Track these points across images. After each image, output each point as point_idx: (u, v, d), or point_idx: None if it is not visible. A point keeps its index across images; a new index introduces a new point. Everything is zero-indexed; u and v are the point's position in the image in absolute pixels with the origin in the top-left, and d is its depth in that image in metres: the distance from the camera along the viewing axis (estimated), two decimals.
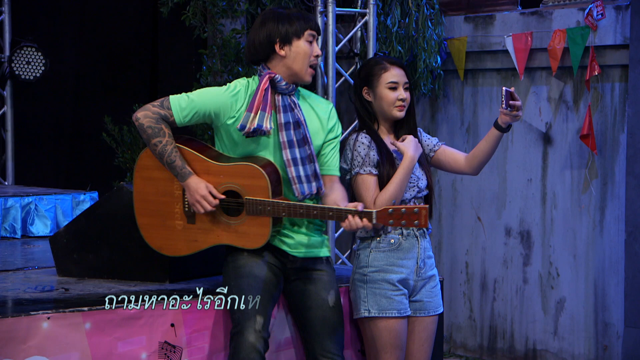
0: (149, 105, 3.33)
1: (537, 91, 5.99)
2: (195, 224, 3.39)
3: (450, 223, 6.38)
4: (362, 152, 3.52)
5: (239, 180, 3.34)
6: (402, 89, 3.58)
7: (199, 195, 3.32)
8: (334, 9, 5.78)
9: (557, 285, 5.95)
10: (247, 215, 3.33)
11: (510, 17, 6.05)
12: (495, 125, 3.59)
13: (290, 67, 3.38)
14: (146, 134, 3.32)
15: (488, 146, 3.62)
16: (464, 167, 3.70)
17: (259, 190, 3.31)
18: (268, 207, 3.30)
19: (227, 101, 3.35)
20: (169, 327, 3.39)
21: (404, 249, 3.56)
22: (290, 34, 3.36)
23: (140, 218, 3.48)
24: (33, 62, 6.20)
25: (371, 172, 3.51)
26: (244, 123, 3.31)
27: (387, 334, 3.53)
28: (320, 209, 3.31)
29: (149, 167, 3.41)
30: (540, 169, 6.02)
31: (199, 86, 5.96)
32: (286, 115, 3.37)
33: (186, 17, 6.00)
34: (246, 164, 3.33)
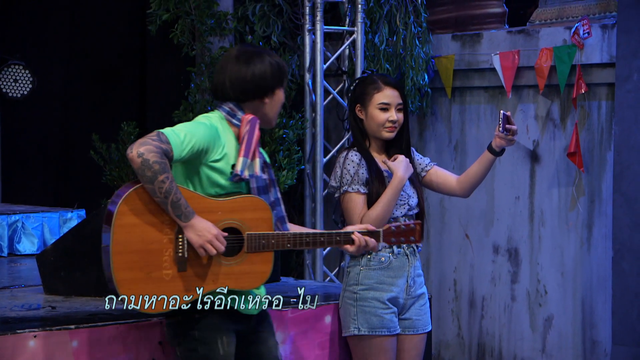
0: (148, 140, 2.96)
1: (524, 109, 6.01)
2: (186, 271, 3.05)
3: (438, 240, 6.38)
4: (352, 170, 3.52)
5: (239, 215, 3.10)
6: (393, 111, 3.57)
7: (211, 235, 3.01)
8: (322, 27, 5.80)
9: (545, 303, 5.95)
10: (247, 252, 3.10)
11: (497, 36, 6.08)
12: (489, 148, 3.59)
13: (267, 114, 3.20)
14: (152, 171, 2.93)
15: (481, 169, 3.62)
16: (455, 189, 3.70)
17: (261, 224, 3.11)
18: (272, 240, 3.11)
19: (215, 137, 3.09)
20: (157, 344, 3.37)
21: (394, 268, 3.56)
22: (277, 82, 3.19)
23: (119, 273, 3.02)
24: (20, 80, 6.19)
25: (359, 191, 3.51)
26: (242, 169, 3.08)
27: (377, 352, 3.52)
28: (327, 234, 3.19)
29: (135, 211, 3.02)
30: (527, 187, 6.03)
31: (187, 104, 5.95)
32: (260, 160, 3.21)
33: (174, 35, 6.01)
34: (248, 196, 3.12)
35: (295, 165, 5.83)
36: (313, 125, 5.93)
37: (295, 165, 5.83)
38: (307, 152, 5.97)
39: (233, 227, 3.09)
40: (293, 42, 6.23)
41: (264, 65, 3.14)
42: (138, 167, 2.92)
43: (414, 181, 3.65)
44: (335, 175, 3.56)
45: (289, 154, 5.80)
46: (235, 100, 3.15)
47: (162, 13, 5.95)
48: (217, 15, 5.96)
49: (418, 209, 3.64)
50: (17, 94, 6.21)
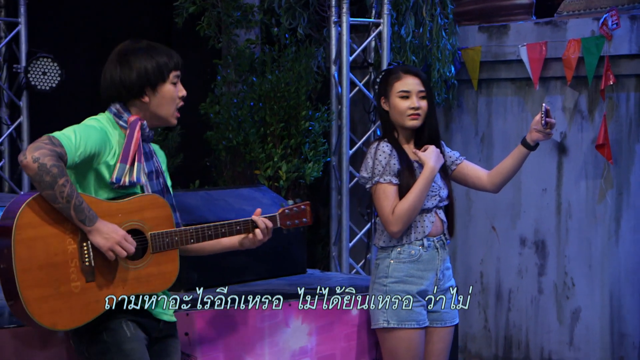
0: (41, 144, 2.78)
1: (551, 101, 5.97)
2: (95, 281, 2.88)
3: (464, 233, 6.36)
4: (383, 160, 3.51)
5: (139, 215, 2.95)
6: (415, 98, 3.55)
7: (119, 237, 2.86)
8: (348, 19, 5.79)
9: (572, 296, 5.92)
10: (153, 253, 2.97)
11: (524, 27, 6.04)
12: (523, 142, 3.57)
13: (155, 112, 3.04)
14: (51, 175, 2.75)
15: (513, 164, 3.60)
16: (485, 184, 3.68)
17: (162, 222, 2.99)
18: (176, 238, 2.99)
19: (105, 140, 2.95)
20: (183, 336, 3.39)
21: (424, 261, 3.55)
22: (156, 77, 3.02)
23: (26, 292, 2.78)
24: (49, 73, 6.23)
25: (391, 182, 3.50)
26: (119, 176, 2.93)
27: (405, 345, 3.52)
28: (227, 225, 3.10)
29: (34, 224, 2.81)
30: (555, 179, 6.00)
31: (213, 96, 5.97)
32: (148, 165, 3.04)
33: (201, 28, 6.02)
34: (145, 195, 2.99)
35: (321, 157, 5.84)
36: (339, 118, 5.92)
37: (321, 157, 5.83)
38: (333, 144, 5.97)
39: (135, 228, 2.96)
40: (319, 34, 6.22)
41: (135, 64, 3.01)
42: (35, 174, 2.75)
43: (444, 173, 3.64)
44: (366, 166, 3.55)
45: (315, 146, 5.81)
46: (120, 100, 3.04)
47: (189, 6, 5.97)
48: (243, 7, 5.97)
49: (448, 201, 3.63)
50: (45, 86, 6.25)
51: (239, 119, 5.74)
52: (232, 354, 3.49)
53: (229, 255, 3.86)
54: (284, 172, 5.66)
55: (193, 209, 3.92)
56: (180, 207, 3.79)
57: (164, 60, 3.04)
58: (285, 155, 5.72)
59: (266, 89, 5.71)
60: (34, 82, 6.23)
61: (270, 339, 3.59)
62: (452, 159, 3.70)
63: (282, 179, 5.67)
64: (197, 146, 6.29)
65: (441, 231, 3.60)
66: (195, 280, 3.77)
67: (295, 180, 5.78)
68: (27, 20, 6.36)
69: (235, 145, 5.74)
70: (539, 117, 3.51)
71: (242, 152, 5.78)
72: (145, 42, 3.09)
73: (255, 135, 5.69)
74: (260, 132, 5.74)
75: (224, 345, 3.48)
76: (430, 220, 3.55)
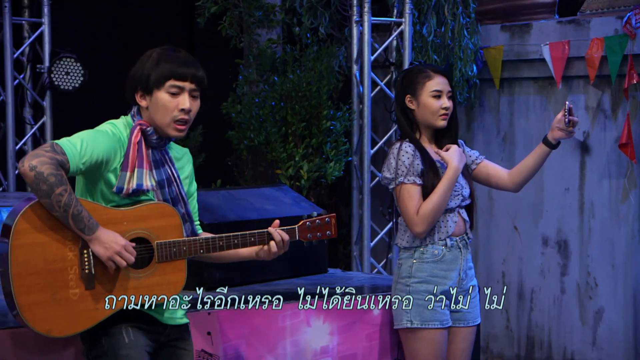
0: (41, 151, 2.75)
1: (574, 100, 5.94)
2: (95, 289, 2.85)
3: (486, 232, 6.34)
4: (407, 161, 3.50)
5: (146, 223, 2.91)
6: (445, 98, 3.56)
7: (119, 246, 2.82)
8: (370, 19, 5.79)
9: (595, 296, 5.89)
10: (159, 262, 2.92)
11: (547, 26, 6.02)
12: (545, 141, 3.55)
13: (153, 119, 2.96)
14: (48, 184, 2.72)
15: (535, 162, 3.58)
16: (506, 183, 3.66)
17: (170, 231, 2.93)
18: (184, 247, 2.94)
19: (115, 147, 2.91)
20: (205, 335, 3.40)
21: (447, 261, 3.55)
22: (152, 82, 2.94)
23: (22, 297, 2.78)
24: (72, 73, 6.27)
25: (415, 182, 3.49)
26: (121, 185, 2.88)
27: (429, 345, 3.52)
28: (241, 236, 3.01)
29: (33, 229, 2.79)
30: (577, 178, 5.97)
31: (234, 96, 5.99)
32: (159, 173, 2.98)
33: (223, 28, 6.04)
34: (153, 203, 2.93)
35: (343, 157, 5.84)
36: (360, 117, 5.92)
37: (342, 157, 5.83)
38: (354, 143, 5.97)
39: (141, 237, 2.91)
40: (340, 34, 6.22)
41: (140, 65, 2.99)
42: (32, 182, 2.72)
43: (465, 172, 3.64)
44: (389, 166, 3.54)
45: (336, 146, 5.81)
46: (131, 101, 3.02)
47: (211, 5, 5.99)
48: (265, 7, 5.98)
49: (470, 200, 3.62)
50: (68, 86, 6.29)
51: (260, 118, 5.75)
52: (253, 353, 3.49)
53: None
54: (305, 171, 5.66)
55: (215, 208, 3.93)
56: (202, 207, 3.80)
57: (168, 67, 2.94)
58: (306, 154, 5.72)
59: (288, 89, 5.72)
60: (57, 82, 6.27)
61: (292, 338, 3.60)
62: (472, 158, 3.70)
63: (303, 179, 5.68)
64: (218, 146, 6.31)
65: (464, 231, 3.60)
66: (217, 279, 3.78)
67: (317, 180, 5.79)
68: (50, 20, 6.40)
69: (256, 145, 5.75)
70: (562, 115, 3.49)
71: (263, 151, 5.79)
72: (176, 49, 3.03)
73: (276, 135, 5.70)
74: (282, 131, 5.74)
75: (246, 344, 3.48)
76: (454, 220, 3.54)
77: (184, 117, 2.95)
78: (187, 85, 2.96)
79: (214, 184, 5.86)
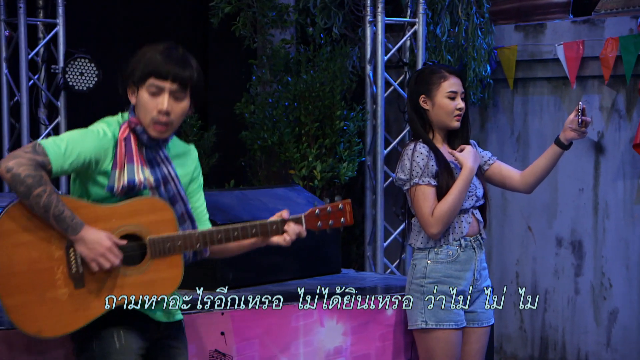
0: (20, 152, 2.70)
1: (588, 100, 5.92)
2: (85, 287, 2.76)
3: (500, 233, 6.33)
4: (421, 162, 3.50)
5: (137, 219, 2.79)
6: (459, 99, 3.56)
7: (104, 248, 2.73)
8: (383, 19, 5.79)
9: (609, 296, 5.87)
10: (152, 259, 2.80)
11: (561, 26, 6.00)
12: (557, 142, 3.54)
13: (139, 117, 2.86)
14: (25, 185, 2.66)
15: (547, 163, 3.58)
16: (518, 184, 3.66)
17: (163, 225, 2.81)
18: (179, 242, 2.81)
19: (105, 146, 2.82)
20: (219, 335, 3.41)
21: (461, 261, 3.54)
22: (135, 79, 2.86)
23: (7, 299, 2.73)
24: (86, 73, 6.29)
25: (430, 183, 3.49)
26: (112, 183, 2.78)
27: (443, 346, 3.52)
28: (241, 228, 2.85)
29: (14, 230, 2.72)
30: (592, 179, 5.95)
31: (248, 96, 6.00)
32: (154, 172, 2.85)
33: (236, 28, 6.05)
34: (144, 198, 2.82)
35: (356, 157, 5.84)
36: (374, 117, 5.92)
37: (355, 157, 5.83)
38: (367, 144, 5.97)
39: (132, 233, 2.80)
40: (354, 34, 6.22)
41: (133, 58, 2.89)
42: (9, 183, 2.67)
43: (478, 172, 3.63)
44: (403, 167, 3.54)
45: (350, 146, 5.80)
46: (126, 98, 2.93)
47: (224, 6, 6.00)
48: (279, 7, 5.99)
49: (484, 200, 3.62)
50: (83, 87, 6.31)
51: (274, 118, 5.76)
52: (267, 353, 3.50)
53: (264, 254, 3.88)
54: (319, 171, 5.67)
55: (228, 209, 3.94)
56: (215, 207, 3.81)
57: (151, 64, 2.83)
58: (319, 155, 5.72)
59: (301, 89, 5.72)
60: (71, 83, 6.29)
61: (305, 338, 3.60)
62: (485, 158, 3.70)
63: (316, 179, 5.68)
64: (232, 146, 6.32)
65: (477, 231, 3.59)
66: (231, 279, 3.78)
67: (330, 180, 5.79)
68: (65, 21, 6.42)
69: (270, 145, 5.76)
70: (574, 115, 3.48)
71: (276, 151, 5.79)
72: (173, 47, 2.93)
73: (290, 135, 5.71)
74: (295, 131, 5.75)
75: (259, 344, 3.49)
76: (468, 221, 3.54)
77: (161, 119, 2.82)
78: (168, 86, 2.82)
79: (227, 184, 5.87)
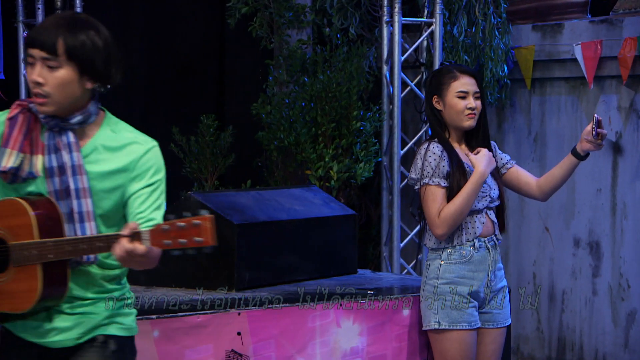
0: None
1: (606, 100, 5.89)
2: None
3: (517, 233, 6.31)
4: (433, 162, 3.49)
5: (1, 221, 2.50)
6: (471, 98, 3.55)
7: None
8: (400, 19, 5.78)
9: (627, 297, 5.84)
10: (15, 266, 2.47)
11: (579, 26, 5.97)
12: (573, 152, 3.53)
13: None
14: None
15: (563, 173, 3.56)
16: (534, 191, 3.65)
17: (23, 231, 2.47)
18: (34, 251, 2.44)
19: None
20: (235, 335, 3.41)
21: (475, 262, 3.53)
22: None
23: None
24: None
25: (439, 184, 3.48)
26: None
27: (457, 346, 3.51)
28: (87, 240, 2.44)
29: None
30: (610, 179, 5.92)
31: (265, 97, 6.00)
32: (50, 159, 2.51)
33: (253, 28, 6.06)
34: (6, 199, 2.51)
35: (373, 157, 5.83)
36: (390, 118, 5.91)
37: (372, 157, 5.82)
38: (384, 144, 5.96)
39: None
40: (371, 34, 6.22)
41: None
42: None
43: (495, 174, 3.62)
44: (415, 167, 3.54)
45: (366, 146, 5.80)
46: None
47: (241, 6, 6.01)
48: (295, 8, 5.99)
49: (499, 201, 3.61)
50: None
51: (290, 119, 5.76)
52: (283, 354, 3.50)
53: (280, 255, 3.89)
54: (335, 172, 5.66)
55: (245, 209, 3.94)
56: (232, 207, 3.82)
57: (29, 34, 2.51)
58: (336, 155, 5.72)
59: (318, 89, 5.72)
60: None
61: (322, 338, 3.60)
62: (503, 161, 3.69)
63: (333, 179, 5.68)
64: (248, 146, 6.32)
65: (492, 232, 3.58)
66: (247, 280, 3.79)
67: (346, 181, 5.79)
68: None
69: (286, 146, 5.76)
70: (590, 127, 3.46)
71: (293, 152, 5.79)
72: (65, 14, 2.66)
73: (306, 136, 5.71)
74: (312, 132, 5.75)
75: (276, 344, 3.49)
76: (481, 222, 3.53)
77: (36, 91, 2.50)
78: (37, 54, 2.49)
79: (243, 184, 5.88)
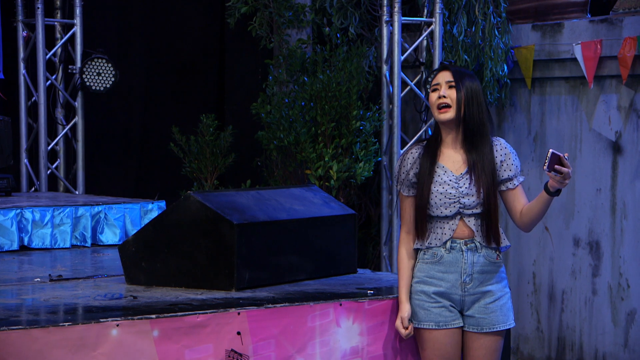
0: None
1: (606, 100, 5.90)
2: None
3: (517, 233, 6.31)
4: (404, 169, 3.50)
5: None
6: (443, 88, 3.45)
7: None
8: (400, 18, 5.78)
9: (627, 297, 5.84)
10: None
11: (579, 25, 5.97)
12: (545, 188, 3.44)
13: None
14: None
15: (539, 208, 3.46)
16: (516, 220, 3.57)
17: None
18: None
19: None
20: (235, 335, 3.41)
21: (445, 263, 3.50)
22: None
23: None
24: (103, 74, 6.31)
25: (402, 192, 3.52)
26: None
27: (427, 345, 3.51)
28: None
29: None
30: (609, 179, 5.92)
31: (264, 96, 6.00)
32: None
33: (253, 28, 6.06)
34: None
35: (372, 157, 5.83)
36: (390, 117, 5.91)
37: (372, 157, 5.83)
38: (384, 144, 5.96)
39: None
40: (370, 34, 6.22)
41: None
42: None
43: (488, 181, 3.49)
44: (394, 169, 3.59)
45: (366, 146, 5.80)
46: None
47: (241, 6, 6.02)
48: (295, 7, 5.99)
49: (481, 209, 3.49)
50: (100, 87, 6.34)
51: (290, 118, 5.76)
52: (283, 353, 3.50)
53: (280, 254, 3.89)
54: (335, 171, 5.66)
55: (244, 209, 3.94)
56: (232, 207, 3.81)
57: None
58: (336, 154, 5.72)
59: (317, 89, 5.72)
60: (88, 83, 6.32)
61: (322, 338, 3.60)
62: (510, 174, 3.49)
63: (332, 179, 5.68)
64: (248, 146, 6.32)
65: (469, 235, 3.47)
66: (247, 280, 3.78)
67: (346, 180, 5.79)
68: (82, 21, 6.45)
69: (286, 145, 5.76)
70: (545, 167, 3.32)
71: (293, 151, 5.79)
72: None
73: (306, 135, 5.71)
74: (312, 131, 5.75)
75: (276, 344, 3.48)
76: (451, 228, 3.47)
77: None
78: None
79: (243, 184, 5.87)
